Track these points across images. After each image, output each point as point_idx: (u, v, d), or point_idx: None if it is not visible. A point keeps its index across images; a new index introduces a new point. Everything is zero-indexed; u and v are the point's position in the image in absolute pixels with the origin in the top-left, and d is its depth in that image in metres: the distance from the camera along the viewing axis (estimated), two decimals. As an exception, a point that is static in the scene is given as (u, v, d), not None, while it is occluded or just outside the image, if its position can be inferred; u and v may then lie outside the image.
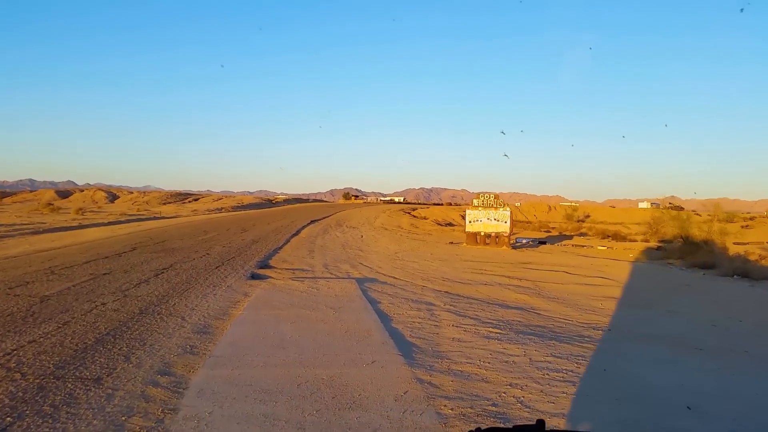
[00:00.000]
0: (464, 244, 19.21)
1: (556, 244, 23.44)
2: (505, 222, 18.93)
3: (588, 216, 69.96)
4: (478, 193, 19.42)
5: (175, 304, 6.53)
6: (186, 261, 10.37)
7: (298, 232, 19.40)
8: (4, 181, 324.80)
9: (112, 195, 56.13)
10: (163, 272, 8.86)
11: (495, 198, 19.21)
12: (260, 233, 18.17)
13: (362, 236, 19.85)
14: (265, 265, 10.63)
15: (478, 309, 7.12)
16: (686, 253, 18.33)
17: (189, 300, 6.79)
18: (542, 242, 23.65)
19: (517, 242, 20.06)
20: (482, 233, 19.06)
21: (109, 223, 21.12)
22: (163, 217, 26.50)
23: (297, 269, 10.28)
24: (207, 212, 35.30)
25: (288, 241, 16.09)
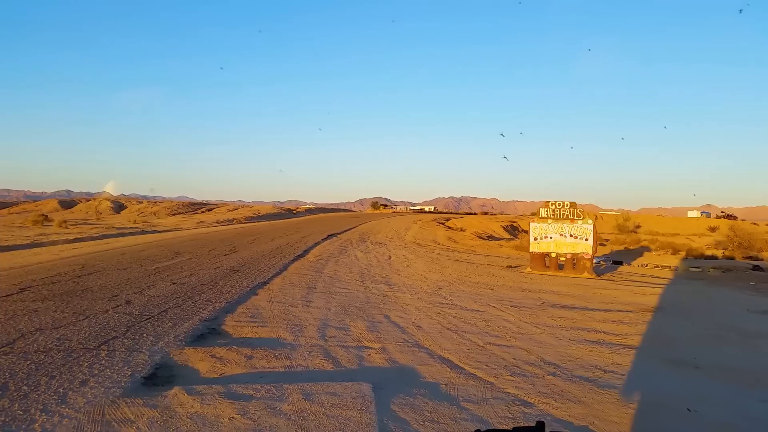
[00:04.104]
0: (528, 268, 14.04)
1: (634, 264, 17.97)
2: (586, 239, 13.65)
3: (639, 226, 63.27)
4: (547, 201, 14.21)
5: None
6: (68, 324, 5.71)
7: (305, 253, 14.68)
8: (42, 192, 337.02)
9: (119, 205, 53.20)
10: (-34, 365, 4.22)
11: (571, 207, 13.96)
12: (253, 254, 13.54)
13: (390, 257, 14.97)
14: (211, 328, 5.86)
15: None
16: None
17: None
18: (617, 262, 18.23)
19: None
20: (553, 254, 13.86)
21: (75, 240, 17.00)
22: (155, 231, 22.38)
23: (263, 341, 5.45)
24: (214, 224, 31.19)
25: (285, 268, 11.36)
